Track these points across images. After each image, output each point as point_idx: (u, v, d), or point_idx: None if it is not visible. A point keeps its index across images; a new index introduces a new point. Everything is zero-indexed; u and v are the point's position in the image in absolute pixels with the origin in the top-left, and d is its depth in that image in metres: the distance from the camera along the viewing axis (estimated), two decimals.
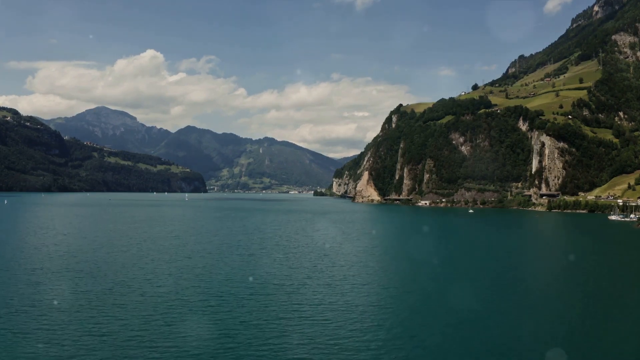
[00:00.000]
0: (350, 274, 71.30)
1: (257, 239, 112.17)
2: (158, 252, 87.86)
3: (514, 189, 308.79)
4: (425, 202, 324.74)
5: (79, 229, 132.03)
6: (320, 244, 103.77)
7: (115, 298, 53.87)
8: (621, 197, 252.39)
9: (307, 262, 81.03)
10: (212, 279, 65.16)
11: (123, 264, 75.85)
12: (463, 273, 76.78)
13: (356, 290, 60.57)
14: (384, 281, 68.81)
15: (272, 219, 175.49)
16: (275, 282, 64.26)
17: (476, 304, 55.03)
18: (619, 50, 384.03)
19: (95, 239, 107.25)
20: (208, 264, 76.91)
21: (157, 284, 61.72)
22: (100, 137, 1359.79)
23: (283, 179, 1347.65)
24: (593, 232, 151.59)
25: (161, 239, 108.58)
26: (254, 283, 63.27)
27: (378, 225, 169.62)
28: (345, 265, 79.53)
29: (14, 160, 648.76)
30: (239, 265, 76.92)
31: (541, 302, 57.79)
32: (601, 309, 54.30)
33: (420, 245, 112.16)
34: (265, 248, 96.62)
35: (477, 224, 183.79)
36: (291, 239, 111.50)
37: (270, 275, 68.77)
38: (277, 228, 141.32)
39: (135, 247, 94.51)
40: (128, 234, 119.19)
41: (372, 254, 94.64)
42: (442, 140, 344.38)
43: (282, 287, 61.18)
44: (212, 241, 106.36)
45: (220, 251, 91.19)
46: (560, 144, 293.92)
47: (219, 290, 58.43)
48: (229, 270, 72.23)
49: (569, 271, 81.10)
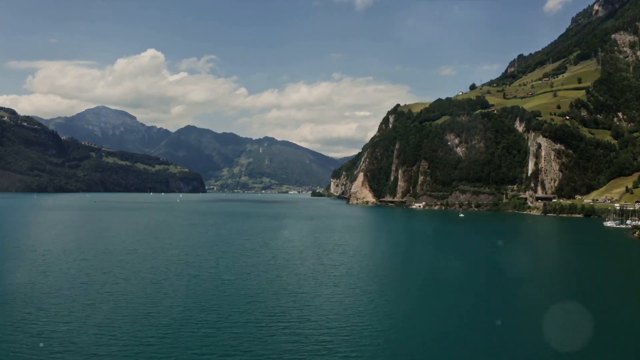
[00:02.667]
0: (300, 292, 65.39)
1: (211, 255, 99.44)
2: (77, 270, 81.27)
3: (509, 191, 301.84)
4: (419, 204, 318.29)
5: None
6: (276, 259, 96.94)
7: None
8: (619, 200, 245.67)
9: (250, 281, 75.03)
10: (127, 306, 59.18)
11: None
12: (429, 297, 70.77)
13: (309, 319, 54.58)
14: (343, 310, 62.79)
15: (248, 227, 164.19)
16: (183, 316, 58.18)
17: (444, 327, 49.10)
18: (619, 50, 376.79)
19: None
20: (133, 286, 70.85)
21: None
22: (100, 137, 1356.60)
23: (283, 178, 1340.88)
24: (585, 242, 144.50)
25: (100, 253, 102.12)
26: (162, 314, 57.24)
27: (354, 234, 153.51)
28: (294, 274, 73.57)
29: (10, 160, 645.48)
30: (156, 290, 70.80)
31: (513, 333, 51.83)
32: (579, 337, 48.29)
33: (389, 261, 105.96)
34: (213, 266, 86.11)
35: (462, 232, 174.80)
36: (251, 255, 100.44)
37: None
38: (247, 239, 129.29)
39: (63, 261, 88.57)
40: (68, 246, 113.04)
41: (326, 273, 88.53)
42: (437, 142, 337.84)
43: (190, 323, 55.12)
44: (163, 256, 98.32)
45: (157, 269, 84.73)
46: (557, 145, 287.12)
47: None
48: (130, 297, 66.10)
49: (548, 292, 75.03)
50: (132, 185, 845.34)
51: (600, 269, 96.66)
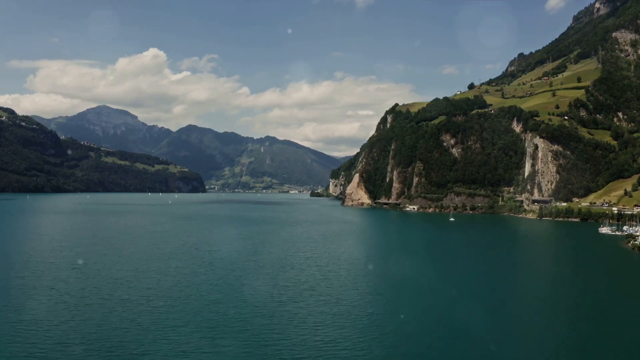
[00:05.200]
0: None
1: (152, 272, 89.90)
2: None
3: (505, 193, 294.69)
4: (413, 207, 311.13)
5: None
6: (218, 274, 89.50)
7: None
8: (617, 204, 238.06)
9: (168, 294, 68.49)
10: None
11: None
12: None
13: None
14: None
15: (220, 236, 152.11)
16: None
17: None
18: (620, 48, 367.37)
19: None
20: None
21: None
22: (101, 136, 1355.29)
23: (284, 178, 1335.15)
24: (575, 252, 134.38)
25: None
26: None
27: (320, 246, 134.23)
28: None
29: (7, 160, 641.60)
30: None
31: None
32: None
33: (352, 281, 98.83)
34: (145, 287, 77.50)
35: (445, 241, 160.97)
36: (190, 274, 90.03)
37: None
38: (209, 251, 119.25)
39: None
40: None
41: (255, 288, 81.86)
42: (433, 142, 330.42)
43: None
44: (87, 274, 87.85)
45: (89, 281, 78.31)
46: (554, 146, 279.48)
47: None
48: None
49: (523, 316, 68.41)
50: (131, 185, 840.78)
51: (586, 285, 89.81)
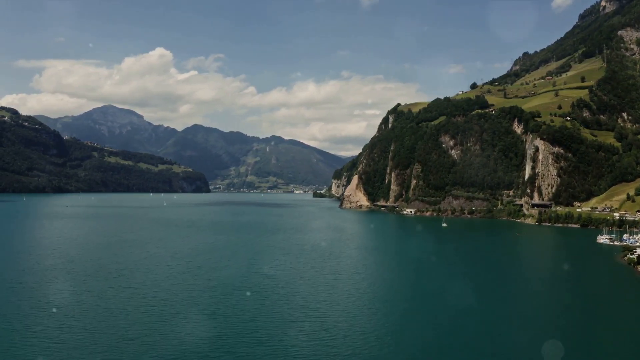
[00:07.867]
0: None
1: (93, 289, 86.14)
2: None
3: (505, 197, 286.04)
4: (410, 210, 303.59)
5: None
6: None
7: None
8: (619, 209, 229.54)
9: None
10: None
11: None
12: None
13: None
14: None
15: (192, 246, 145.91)
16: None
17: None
18: (625, 47, 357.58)
19: None
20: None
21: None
22: (106, 136, 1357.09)
23: (289, 178, 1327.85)
24: (568, 268, 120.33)
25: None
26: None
27: (288, 261, 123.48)
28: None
29: (9, 160, 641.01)
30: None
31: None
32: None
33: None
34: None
35: (429, 253, 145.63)
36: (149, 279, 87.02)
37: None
38: (169, 265, 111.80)
39: None
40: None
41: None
42: (432, 144, 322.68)
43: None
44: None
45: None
46: (555, 148, 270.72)
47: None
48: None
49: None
50: (134, 185, 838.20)
51: (570, 307, 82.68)
